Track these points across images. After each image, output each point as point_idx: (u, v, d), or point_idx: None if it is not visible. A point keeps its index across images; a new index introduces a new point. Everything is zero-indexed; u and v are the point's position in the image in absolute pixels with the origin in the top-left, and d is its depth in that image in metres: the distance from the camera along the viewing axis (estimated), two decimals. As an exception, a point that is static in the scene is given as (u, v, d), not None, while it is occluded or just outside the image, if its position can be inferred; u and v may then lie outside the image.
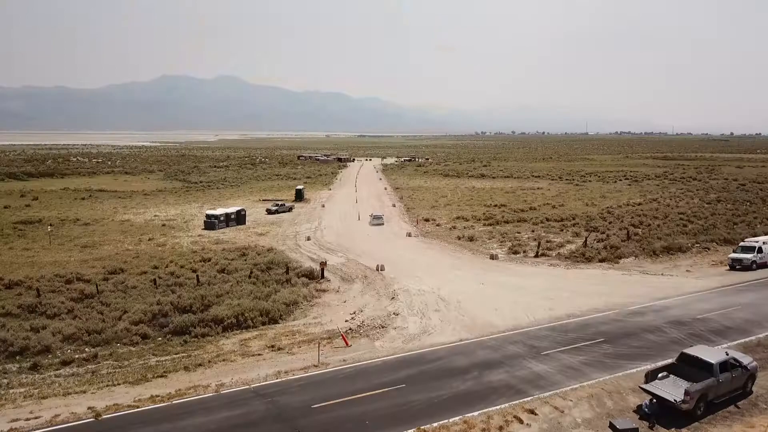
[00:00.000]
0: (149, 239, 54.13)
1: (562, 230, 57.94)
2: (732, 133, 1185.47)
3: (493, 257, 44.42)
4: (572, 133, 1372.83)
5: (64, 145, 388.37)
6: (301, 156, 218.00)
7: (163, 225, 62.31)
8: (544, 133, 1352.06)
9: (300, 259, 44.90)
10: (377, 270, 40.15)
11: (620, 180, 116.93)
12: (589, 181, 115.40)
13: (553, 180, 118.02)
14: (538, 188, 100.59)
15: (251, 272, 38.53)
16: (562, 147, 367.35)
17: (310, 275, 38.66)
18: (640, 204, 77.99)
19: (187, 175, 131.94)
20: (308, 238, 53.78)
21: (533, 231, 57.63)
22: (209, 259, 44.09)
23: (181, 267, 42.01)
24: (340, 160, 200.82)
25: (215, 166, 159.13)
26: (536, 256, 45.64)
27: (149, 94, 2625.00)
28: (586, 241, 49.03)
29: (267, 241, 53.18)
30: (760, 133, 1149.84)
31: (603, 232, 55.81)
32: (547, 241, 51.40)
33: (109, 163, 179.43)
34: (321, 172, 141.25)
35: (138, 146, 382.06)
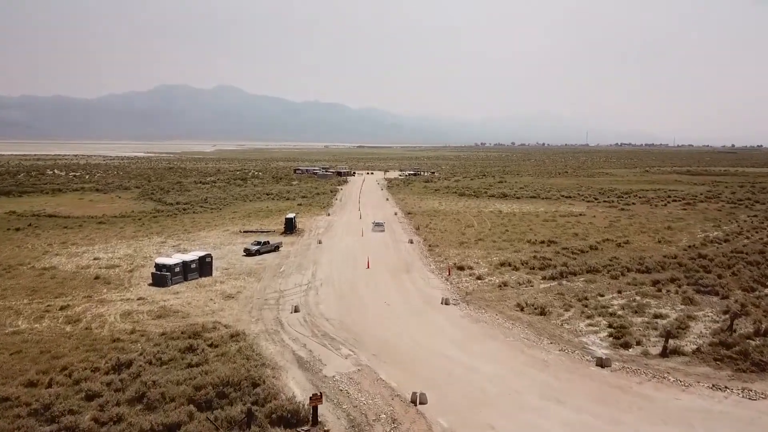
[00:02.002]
0: (62, 307, 36.57)
1: (659, 290, 40.56)
2: (733, 145, 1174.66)
3: (602, 364, 26.83)
4: (572, 144, 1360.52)
5: (54, 155, 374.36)
6: (298, 170, 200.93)
7: (97, 277, 44.71)
8: (544, 144, 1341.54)
9: (279, 363, 27.30)
10: (413, 403, 22.51)
11: (669, 202, 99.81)
12: (633, 203, 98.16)
13: (589, 202, 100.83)
14: (580, 214, 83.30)
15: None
16: (571, 160, 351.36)
17: (292, 419, 21.06)
18: (727, 241, 60.71)
19: (165, 193, 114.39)
20: (296, 309, 36.15)
21: (620, 291, 40.25)
22: (129, 365, 26.49)
23: (74, 384, 24.43)
24: (339, 174, 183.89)
25: (201, 182, 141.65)
26: (663, 353, 28.17)
27: (148, 103, 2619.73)
28: (731, 325, 31.51)
29: (235, 312, 35.69)
30: (761, 145, 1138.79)
31: (722, 295, 38.56)
32: (655, 316, 34.08)
33: (87, 177, 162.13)
34: (318, 189, 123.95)
35: (130, 157, 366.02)
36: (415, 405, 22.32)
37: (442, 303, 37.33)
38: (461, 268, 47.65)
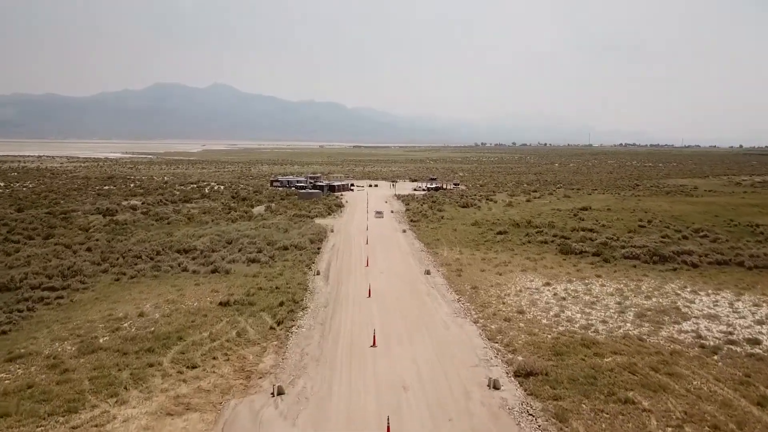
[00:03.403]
0: None
1: None
2: (741, 146, 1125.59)
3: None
4: (574, 144, 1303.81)
5: (16, 156, 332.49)
6: (276, 181, 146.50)
7: None
8: (546, 144, 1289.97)
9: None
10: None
11: None
12: None
13: None
14: None
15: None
16: (605, 165, 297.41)
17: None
18: None
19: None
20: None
21: None
22: None
23: None
24: (332, 189, 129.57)
25: (106, 212, 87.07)
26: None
27: (142, 102, 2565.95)
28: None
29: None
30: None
31: None
32: None
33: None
34: (292, 230, 69.56)
35: (98, 158, 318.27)
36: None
37: None
38: None
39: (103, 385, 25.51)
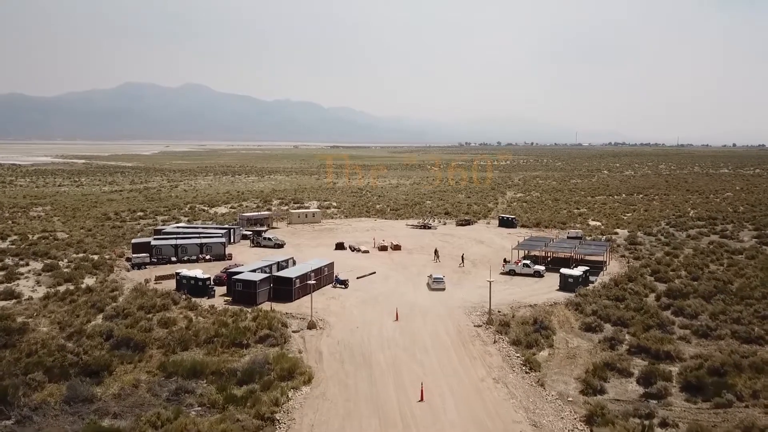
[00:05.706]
0: None
1: None
2: (735, 144, 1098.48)
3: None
4: (562, 144, 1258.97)
5: None
6: (160, 238, 69.77)
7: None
8: (533, 143, 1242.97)
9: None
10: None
11: None
12: None
13: None
14: None
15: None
16: (662, 169, 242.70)
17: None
18: None
19: None
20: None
21: None
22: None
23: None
24: (284, 286, 50.02)
25: None
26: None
27: (111, 102, 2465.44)
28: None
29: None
30: (764, 145, 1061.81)
31: None
32: None
33: None
34: None
35: (40, 162, 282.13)
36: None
37: None
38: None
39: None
